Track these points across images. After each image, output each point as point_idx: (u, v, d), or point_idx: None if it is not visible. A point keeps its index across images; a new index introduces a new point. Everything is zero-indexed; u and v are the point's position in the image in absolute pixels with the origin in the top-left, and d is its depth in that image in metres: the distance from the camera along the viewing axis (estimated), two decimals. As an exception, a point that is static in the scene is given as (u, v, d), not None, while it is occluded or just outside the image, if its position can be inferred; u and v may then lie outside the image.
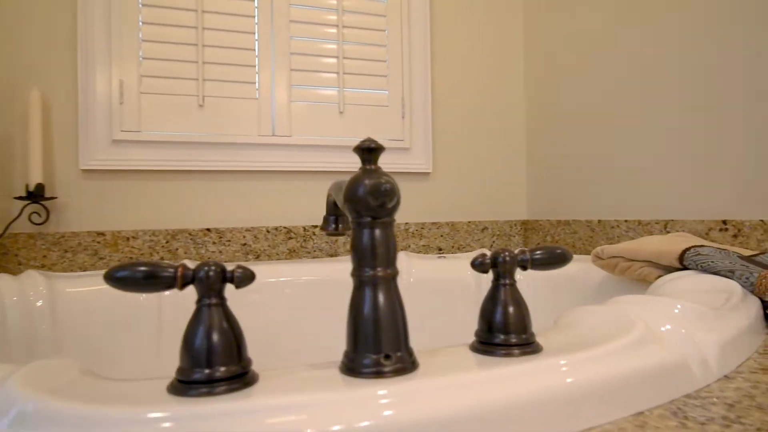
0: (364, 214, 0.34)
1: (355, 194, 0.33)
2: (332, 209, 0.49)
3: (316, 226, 1.25)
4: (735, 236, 0.86)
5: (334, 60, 1.28)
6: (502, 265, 0.38)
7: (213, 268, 0.31)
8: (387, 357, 0.32)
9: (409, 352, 0.33)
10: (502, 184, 1.48)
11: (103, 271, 0.91)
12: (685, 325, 0.43)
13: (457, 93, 1.44)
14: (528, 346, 0.37)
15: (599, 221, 1.18)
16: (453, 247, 1.41)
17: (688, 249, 0.72)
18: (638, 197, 1.09)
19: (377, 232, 0.33)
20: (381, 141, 1.32)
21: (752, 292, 0.63)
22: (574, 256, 1.02)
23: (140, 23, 1.12)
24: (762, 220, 0.82)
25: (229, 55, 1.19)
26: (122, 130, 1.10)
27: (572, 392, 0.33)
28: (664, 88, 1.02)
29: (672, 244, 0.79)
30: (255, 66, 1.22)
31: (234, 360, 0.30)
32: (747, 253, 0.76)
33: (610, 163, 1.17)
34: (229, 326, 0.31)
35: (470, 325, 0.46)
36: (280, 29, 1.23)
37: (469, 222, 1.42)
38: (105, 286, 0.88)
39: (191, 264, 0.35)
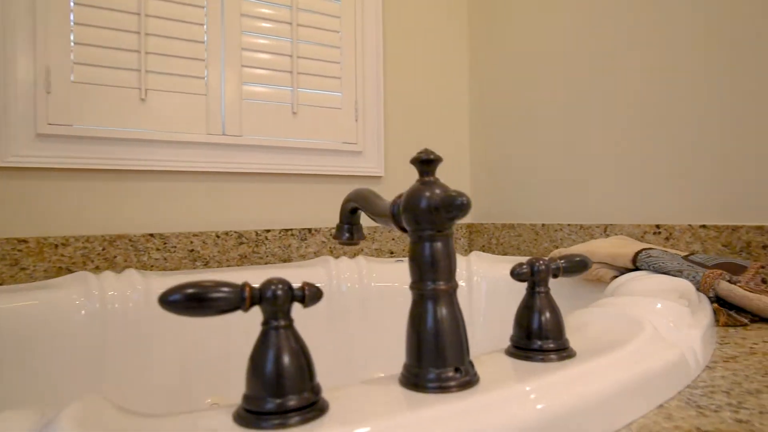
0: (426, 226, 0.33)
1: (419, 206, 0.33)
2: (348, 218, 0.47)
3: (269, 231, 1.20)
4: (667, 239, 0.97)
5: (287, 58, 1.24)
6: (538, 274, 0.39)
7: (281, 286, 0.29)
8: (457, 370, 0.32)
9: (471, 365, 0.33)
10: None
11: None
12: (677, 323, 0.48)
13: (407, 96, 1.46)
14: (564, 351, 0.38)
15: (543, 225, 1.27)
16: (403, 250, 1.43)
17: (640, 251, 0.80)
18: (580, 202, 1.19)
19: (439, 245, 0.33)
20: (333, 144, 1.31)
21: (698, 289, 0.71)
22: (525, 258, 1.08)
23: (72, 4, 1.00)
24: (690, 225, 0.93)
25: (174, 47, 1.10)
26: (50, 123, 0.97)
27: (614, 391, 0.35)
28: (603, 99, 1.12)
29: (622, 246, 0.87)
30: (203, 59, 1.14)
31: (306, 387, 0.28)
32: (681, 254, 0.86)
33: (553, 169, 1.26)
34: (300, 350, 0.29)
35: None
36: (232, 23, 1.17)
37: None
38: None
39: (254, 281, 0.32)
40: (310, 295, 0.29)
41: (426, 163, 0.34)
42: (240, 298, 0.28)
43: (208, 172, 1.16)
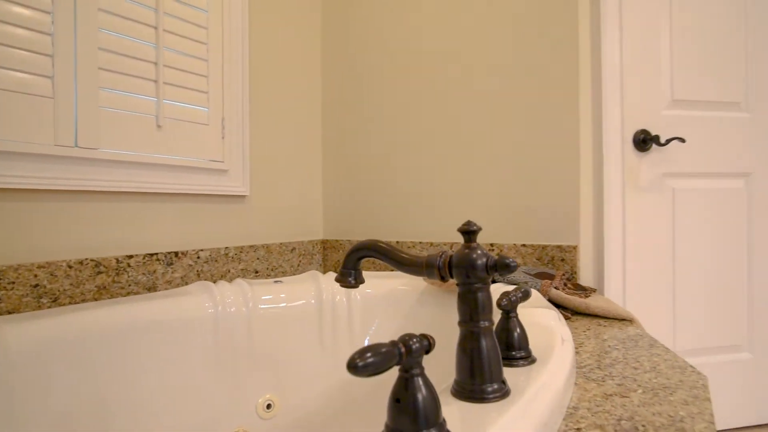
0: (475, 280, 0.44)
1: (475, 265, 0.44)
2: (354, 264, 0.54)
3: (131, 257, 1.08)
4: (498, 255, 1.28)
5: (152, 65, 1.13)
6: (512, 304, 0.55)
7: (421, 340, 0.36)
8: (503, 382, 0.44)
9: (505, 380, 0.46)
10: (305, 205, 1.60)
11: None
12: (557, 323, 0.70)
13: (271, 114, 1.48)
14: (530, 357, 0.55)
15: (398, 242, 1.47)
16: (268, 269, 1.44)
17: (496, 268, 1.05)
18: (431, 222, 1.42)
19: (483, 294, 0.45)
20: (200, 162, 1.24)
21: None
22: (391, 273, 1.25)
23: None
24: (515, 243, 1.25)
25: (10, 35, 0.90)
26: None
27: (564, 382, 0.53)
28: (451, 134, 1.38)
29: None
30: (50, 55, 0.95)
31: (440, 419, 0.37)
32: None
33: (406, 191, 1.47)
34: (432, 393, 0.37)
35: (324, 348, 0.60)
36: (87, 16, 1.01)
37: (281, 243, 1.49)
38: None
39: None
40: (433, 344, 0.37)
41: (469, 233, 0.45)
42: (399, 354, 0.34)
43: (56, 190, 0.97)
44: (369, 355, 0.32)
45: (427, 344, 0.37)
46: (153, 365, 0.90)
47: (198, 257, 1.22)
